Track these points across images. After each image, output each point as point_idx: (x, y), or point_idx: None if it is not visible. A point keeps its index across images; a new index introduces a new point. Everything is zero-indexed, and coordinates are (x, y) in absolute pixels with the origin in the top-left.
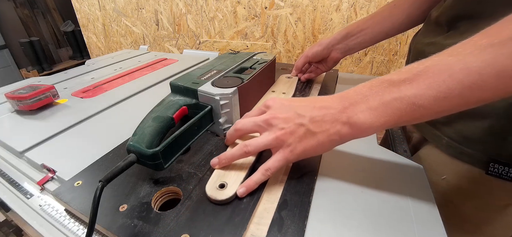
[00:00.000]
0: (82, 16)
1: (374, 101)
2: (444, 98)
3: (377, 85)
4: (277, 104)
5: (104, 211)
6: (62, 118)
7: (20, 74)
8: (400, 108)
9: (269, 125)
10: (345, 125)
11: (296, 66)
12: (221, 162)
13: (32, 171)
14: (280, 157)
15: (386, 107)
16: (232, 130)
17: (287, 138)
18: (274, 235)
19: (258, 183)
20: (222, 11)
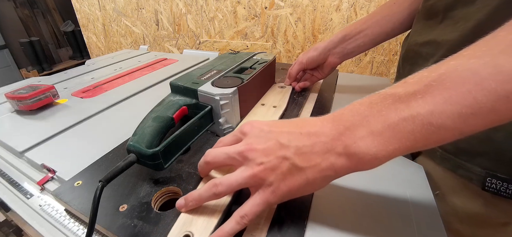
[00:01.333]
0: (82, 16)
1: (377, 123)
2: (472, 114)
3: (379, 102)
4: (255, 130)
5: (104, 211)
6: (62, 118)
7: (20, 74)
8: (413, 131)
9: (245, 158)
10: (341, 156)
11: (289, 74)
12: (188, 205)
13: (32, 171)
14: (259, 200)
15: (394, 131)
16: (202, 162)
17: (267, 176)
18: (274, 235)
19: (231, 234)
20: (222, 11)
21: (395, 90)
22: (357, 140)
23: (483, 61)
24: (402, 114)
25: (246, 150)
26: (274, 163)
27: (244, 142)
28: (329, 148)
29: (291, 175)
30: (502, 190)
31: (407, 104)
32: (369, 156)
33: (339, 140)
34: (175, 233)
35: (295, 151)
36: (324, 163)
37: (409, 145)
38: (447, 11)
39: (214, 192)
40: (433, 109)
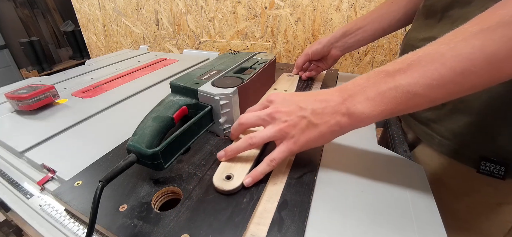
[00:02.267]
0: (82, 16)
1: (371, 92)
2: (438, 85)
3: (374, 76)
4: (279, 98)
5: (104, 211)
6: (62, 118)
7: (20, 74)
8: (395, 97)
9: (273, 118)
10: (345, 116)
11: (296, 65)
12: (227, 154)
13: (32, 171)
14: (284, 148)
15: (383, 97)
16: (236, 125)
17: (290, 130)
18: (274, 235)
19: (263, 173)
20: (222, 11)
21: (387, 68)
22: (356, 103)
23: (449, 46)
24: (389, 85)
25: (273, 112)
26: (295, 120)
27: (272, 107)
28: (336, 110)
29: (308, 130)
30: (495, 172)
31: (393, 78)
32: (364, 115)
33: (343, 104)
34: (218, 174)
35: (311, 111)
36: (332, 120)
37: (393, 107)
38: (445, 11)
39: (249, 143)
40: (410, 81)
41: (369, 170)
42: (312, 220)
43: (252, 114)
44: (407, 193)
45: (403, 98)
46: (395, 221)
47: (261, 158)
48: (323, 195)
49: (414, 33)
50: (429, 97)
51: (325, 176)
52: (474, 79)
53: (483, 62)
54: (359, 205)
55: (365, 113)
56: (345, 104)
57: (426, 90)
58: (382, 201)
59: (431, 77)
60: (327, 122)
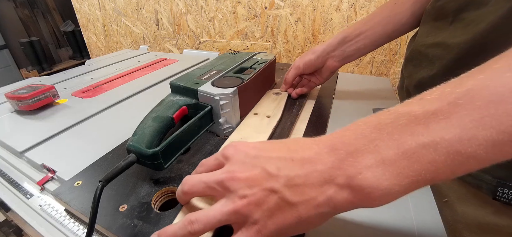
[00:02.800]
0: (82, 16)
1: (389, 150)
2: (510, 141)
3: (390, 122)
4: (239, 155)
5: (104, 211)
6: (62, 118)
7: (20, 74)
8: (434, 160)
9: (226, 189)
10: (343, 189)
11: (285, 80)
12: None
13: (32, 171)
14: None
15: (411, 161)
16: (179, 191)
17: (251, 212)
18: None
19: None
20: (222, 11)
21: (410, 108)
22: (363, 170)
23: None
24: (421, 139)
25: (226, 178)
26: (259, 196)
27: (225, 169)
28: (327, 179)
29: (280, 212)
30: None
31: (426, 127)
32: (379, 191)
33: (340, 169)
34: None
35: (285, 182)
36: (321, 197)
37: (429, 178)
38: (458, 13)
39: (189, 231)
40: (460, 135)
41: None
42: None
43: (198, 179)
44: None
45: (449, 162)
46: (395, 221)
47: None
48: None
49: (421, 37)
50: (493, 159)
51: None
52: None
53: None
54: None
55: (382, 188)
56: (343, 169)
57: (491, 149)
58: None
59: (499, 128)
60: (312, 200)
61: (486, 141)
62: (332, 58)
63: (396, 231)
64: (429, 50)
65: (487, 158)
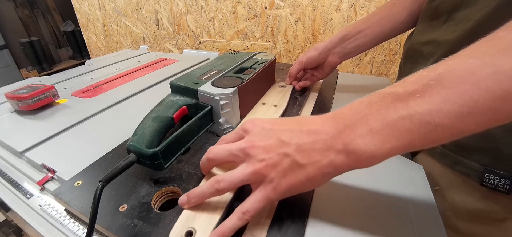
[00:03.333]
0: (82, 16)
1: (376, 122)
2: (469, 113)
3: (379, 101)
4: (256, 128)
5: (104, 211)
6: (62, 118)
7: (20, 74)
8: (410, 129)
9: (247, 155)
10: (341, 154)
11: (290, 74)
12: (191, 201)
13: (32, 171)
14: (260, 197)
15: (393, 129)
16: (204, 159)
17: (269, 172)
18: (274, 235)
19: (233, 230)
20: (222, 11)
21: (395, 89)
22: (356, 138)
23: (481, 61)
24: (401, 112)
25: (248, 147)
26: (275, 159)
27: (246, 139)
28: (329, 146)
29: (292, 172)
30: (499, 186)
31: (406, 103)
32: (367, 153)
33: (338, 138)
34: (178, 229)
35: (296, 148)
36: (324, 160)
37: (407, 143)
38: (452, 13)
39: (216, 189)
40: (431, 108)
41: (369, 170)
42: (312, 220)
43: (222, 148)
44: (407, 193)
45: (421, 130)
46: (395, 221)
47: (236, 204)
48: (323, 195)
49: (417, 36)
50: (458, 129)
51: None
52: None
53: None
54: (359, 205)
55: (369, 151)
56: (341, 138)
57: (454, 120)
58: (382, 201)
59: (460, 102)
60: (317, 162)
61: (450, 113)
62: (333, 54)
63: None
64: (423, 48)
65: (451, 127)
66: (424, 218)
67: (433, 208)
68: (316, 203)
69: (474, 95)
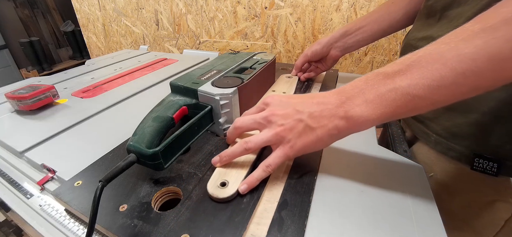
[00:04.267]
0: (82, 16)
1: (370, 94)
2: (438, 86)
3: (373, 78)
4: (276, 101)
5: (104, 211)
6: (62, 118)
7: (20, 74)
8: (395, 99)
9: (269, 121)
10: (342, 119)
11: (296, 66)
12: (222, 160)
13: (32, 171)
14: (280, 154)
15: (382, 99)
16: (231, 129)
17: (287, 134)
18: (274, 235)
19: (259, 179)
20: (222, 11)
21: (386, 69)
22: (354, 106)
23: (449, 46)
24: (388, 86)
25: (269, 115)
26: (292, 124)
27: (268, 110)
28: (333, 113)
29: (305, 134)
30: (488, 169)
31: (392, 79)
32: (362, 118)
33: (341, 107)
34: (213, 181)
35: (308, 115)
36: (330, 124)
37: (392, 111)
38: (444, 11)
39: (245, 148)
40: (410, 83)
41: (369, 170)
42: (312, 220)
43: (248, 118)
44: (407, 193)
45: (403, 100)
46: (395, 221)
47: (258, 163)
48: (323, 195)
49: (414, 32)
50: (430, 99)
51: (325, 176)
52: (476, 81)
53: (486, 62)
54: (359, 205)
55: (364, 116)
56: (343, 107)
57: (427, 91)
58: (382, 201)
59: (431, 78)
60: (325, 126)
61: (424, 86)
62: (335, 49)
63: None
64: (419, 43)
65: (425, 97)
66: (424, 218)
67: (433, 208)
68: (316, 203)
69: (442, 72)
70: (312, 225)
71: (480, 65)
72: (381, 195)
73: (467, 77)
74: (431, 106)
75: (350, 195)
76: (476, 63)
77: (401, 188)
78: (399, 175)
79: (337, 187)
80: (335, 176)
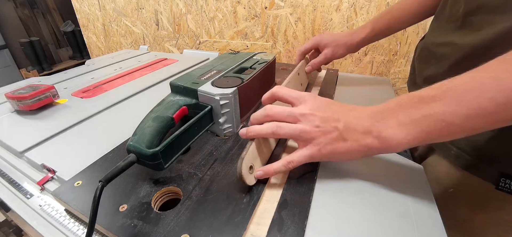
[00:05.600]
0: (82, 16)
1: (404, 117)
2: (476, 116)
3: (407, 101)
4: (316, 102)
5: (104, 211)
6: (62, 118)
7: (20, 74)
8: (429, 125)
9: (306, 119)
10: (376, 138)
11: (300, 52)
12: (249, 134)
13: (32, 171)
14: (306, 153)
15: (416, 124)
16: (261, 114)
17: (319, 137)
18: (274, 235)
19: (276, 172)
20: (222, 11)
21: (420, 93)
22: (387, 128)
23: (490, 75)
24: (423, 112)
25: (309, 114)
26: (328, 129)
27: (307, 108)
28: (367, 131)
29: (336, 142)
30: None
31: (427, 104)
32: (394, 141)
33: (375, 126)
34: (246, 162)
35: (344, 125)
36: (363, 140)
37: (425, 136)
38: (467, 16)
39: (274, 132)
40: (445, 109)
41: (369, 170)
42: (312, 220)
43: (284, 110)
44: (407, 193)
45: (437, 127)
46: (395, 221)
47: (275, 152)
48: (323, 195)
49: (432, 37)
50: (466, 127)
51: (325, 176)
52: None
53: None
54: (359, 205)
55: (396, 139)
56: (377, 126)
57: (463, 120)
58: (382, 201)
59: (469, 106)
60: (358, 141)
61: (462, 114)
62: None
63: (395, 230)
64: (438, 49)
65: (461, 125)
66: (424, 218)
67: (433, 208)
68: (316, 203)
69: (481, 101)
70: (312, 225)
71: None
72: (381, 195)
73: (508, 109)
74: (465, 133)
75: (350, 195)
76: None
77: (401, 188)
78: (399, 175)
79: (337, 187)
80: (335, 176)
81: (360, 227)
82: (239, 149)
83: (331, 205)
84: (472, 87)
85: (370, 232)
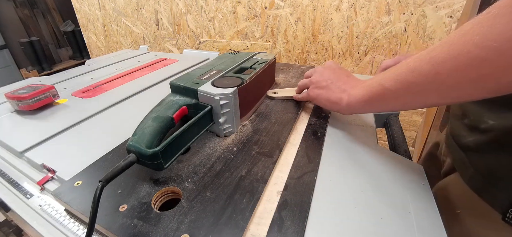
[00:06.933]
0: (82, 16)
1: (365, 84)
2: (403, 81)
3: (375, 76)
4: (319, 70)
5: (104, 211)
6: (62, 118)
7: (20, 74)
8: (371, 85)
9: (311, 82)
10: (346, 94)
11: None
12: (296, 98)
13: (32, 171)
14: (304, 94)
15: (366, 86)
16: (304, 82)
17: (313, 85)
18: (274, 235)
19: (298, 99)
20: (222, 11)
21: (380, 76)
22: (354, 89)
23: (429, 50)
24: (373, 79)
25: (314, 79)
26: (321, 84)
27: (315, 77)
28: (342, 90)
29: (323, 90)
30: None
31: (377, 76)
32: (353, 97)
33: (347, 89)
34: None
35: (330, 82)
36: (340, 95)
37: (371, 96)
38: None
39: (303, 96)
40: (384, 76)
41: (369, 170)
42: (312, 220)
43: (304, 81)
44: (407, 193)
45: (378, 87)
46: (395, 221)
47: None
48: (323, 195)
49: None
50: (397, 93)
51: (325, 176)
52: (451, 75)
53: (449, 68)
54: (359, 205)
55: (355, 96)
56: (348, 89)
57: (397, 86)
58: (382, 201)
59: (398, 70)
60: (336, 94)
61: (396, 81)
62: None
63: (395, 229)
64: None
65: (394, 90)
66: (424, 218)
67: (433, 208)
68: (316, 203)
69: (411, 64)
70: (312, 225)
71: (441, 71)
72: (381, 195)
73: (432, 81)
74: (399, 103)
75: (350, 196)
76: (437, 68)
77: (401, 188)
78: (399, 175)
79: (337, 187)
80: (335, 176)
81: (360, 227)
82: (239, 149)
83: (331, 205)
84: (408, 63)
85: (370, 232)
